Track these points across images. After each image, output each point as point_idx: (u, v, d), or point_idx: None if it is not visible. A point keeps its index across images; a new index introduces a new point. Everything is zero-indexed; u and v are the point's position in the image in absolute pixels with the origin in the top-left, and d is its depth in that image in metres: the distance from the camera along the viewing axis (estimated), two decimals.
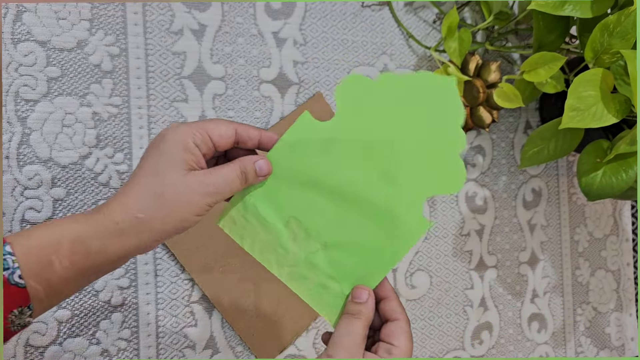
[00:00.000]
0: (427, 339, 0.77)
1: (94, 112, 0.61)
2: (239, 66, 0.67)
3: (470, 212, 0.79)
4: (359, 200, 0.43)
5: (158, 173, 0.38)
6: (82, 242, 0.36)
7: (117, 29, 0.62)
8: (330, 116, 0.44)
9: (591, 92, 0.58)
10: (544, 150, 0.70)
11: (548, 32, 0.65)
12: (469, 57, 0.75)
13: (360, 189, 0.43)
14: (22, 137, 0.59)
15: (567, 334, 0.86)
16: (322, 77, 0.71)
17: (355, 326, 0.41)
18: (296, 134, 0.43)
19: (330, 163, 0.43)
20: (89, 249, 0.36)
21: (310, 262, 0.44)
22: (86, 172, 0.61)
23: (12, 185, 0.59)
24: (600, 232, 0.89)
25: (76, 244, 0.36)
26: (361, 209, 0.43)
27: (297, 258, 0.44)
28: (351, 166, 0.43)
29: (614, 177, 0.63)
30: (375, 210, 0.43)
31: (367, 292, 0.43)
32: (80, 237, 0.36)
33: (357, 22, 0.73)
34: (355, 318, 0.42)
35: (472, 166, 0.79)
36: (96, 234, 0.36)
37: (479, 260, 0.80)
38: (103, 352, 0.62)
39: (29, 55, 0.59)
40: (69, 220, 0.37)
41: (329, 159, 0.43)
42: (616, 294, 0.90)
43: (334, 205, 0.44)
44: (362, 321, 0.42)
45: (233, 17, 0.67)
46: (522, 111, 0.83)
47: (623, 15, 0.57)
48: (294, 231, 0.44)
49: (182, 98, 0.65)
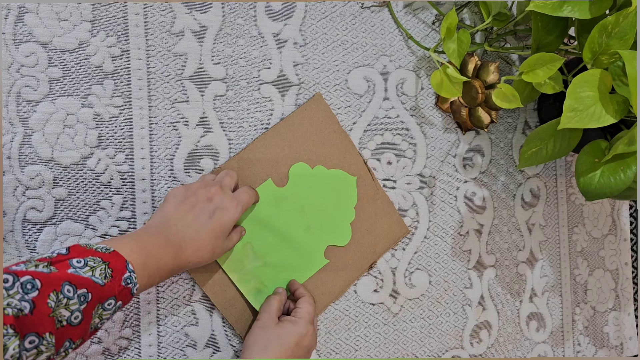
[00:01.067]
0: (426, 337, 0.77)
1: (95, 112, 0.62)
2: (239, 67, 0.68)
3: (469, 212, 0.80)
4: (290, 238, 0.68)
5: None
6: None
7: (118, 30, 0.63)
8: (329, 116, 0.71)
9: (589, 92, 0.58)
10: (543, 150, 0.70)
11: (547, 33, 0.65)
12: (468, 58, 0.75)
13: (292, 232, 0.68)
14: (24, 138, 0.59)
15: (566, 333, 0.87)
16: (322, 78, 0.71)
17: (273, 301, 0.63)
18: (262, 191, 0.67)
19: (278, 213, 0.68)
20: None
21: (254, 273, 0.67)
22: (88, 173, 0.61)
23: (14, 185, 0.59)
24: (599, 232, 0.89)
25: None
26: (291, 244, 0.68)
27: (246, 269, 0.66)
28: (290, 217, 0.68)
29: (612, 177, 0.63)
30: (298, 247, 0.69)
31: (281, 288, 0.66)
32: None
33: (357, 24, 0.73)
34: (272, 297, 0.64)
35: (471, 166, 0.80)
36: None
37: (478, 259, 0.80)
38: (104, 351, 0.62)
39: (31, 56, 0.59)
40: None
41: (278, 210, 0.68)
42: (614, 293, 0.91)
43: (276, 239, 0.68)
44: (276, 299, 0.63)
45: (234, 19, 0.67)
46: (521, 112, 0.83)
47: (621, 16, 0.57)
48: (247, 251, 0.66)
49: (183, 99, 0.65)
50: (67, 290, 0.41)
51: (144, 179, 0.63)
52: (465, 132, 0.79)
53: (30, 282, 0.38)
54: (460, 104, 0.77)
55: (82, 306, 0.42)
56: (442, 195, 0.78)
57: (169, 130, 0.64)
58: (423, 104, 0.77)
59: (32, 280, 0.39)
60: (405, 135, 0.75)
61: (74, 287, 0.41)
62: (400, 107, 0.75)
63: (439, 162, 0.78)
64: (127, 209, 0.63)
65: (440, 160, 0.78)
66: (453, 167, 0.78)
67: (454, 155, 0.78)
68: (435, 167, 0.77)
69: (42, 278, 0.39)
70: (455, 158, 0.79)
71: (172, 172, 0.64)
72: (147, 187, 0.64)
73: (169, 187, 0.64)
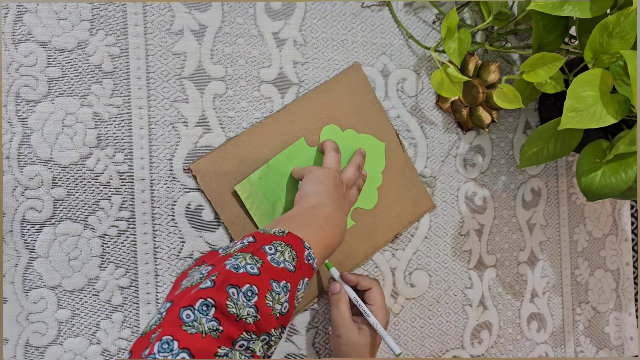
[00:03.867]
0: (427, 337, 0.77)
1: (94, 112, 0.62)
2: (239, 67, 0.67)
3: (470, 212, 0.79)
4: None
5: None
6: None
7: (117, 29, 0.62)
8: (366, 86, 0.73)
9: (590, 92, 0.58)
10: (543, 150, 0.70)
11: (547, 33, 0.65)
12: (469, 58, 0.75)
13: None
14: (23, 138, 0.59)
15: (567, 334, 0.86)
16: (322, 77, 0.71)
17: (340, 310, 0.64)
18: (294, 150, 0.68)
19: None
20: None
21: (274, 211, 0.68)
22: (87, 173, 0.61)
23: (13, 185, 0.59)
24: (600, 232, 0.89)
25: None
26: None
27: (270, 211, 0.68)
28: None
29: (613, 177, 0.63)
30: None
31: (338, 285, 0.66)
32: None
33: (357, 23, 0.73)
34: (337, 306, 0.65)
35: (472, 166, 0.79)
36: None
37: (478, 259, 0.80)
38: (103, 352, 0.62)
39: (30, 56, 0.59)
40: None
41: None
42: (615, 294, 0.90)
43: None
44: (342, 304, 0.65)
45: (233, 18, 0.67)
46: (522, 111, 0.83)
47: (622, 15, 0.57)
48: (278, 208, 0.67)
49: (183, 98, 0.65)
50: (275, 287, 0.45)
51: (143, 179, 0.63)
52: (465, 132, 0.78)
53: (250, 290, 0.43)
54: (460, 103, 0.76)
55: (287, 296, 0.46)
56: (443, 195, 0.78)
57: (168, 129, 0.64)
58: (423, 103, 0.76)
59: (251, 287, 0.43)
60: (405, 135, 0.75)
61: (277, 282, 0.46)
62: (400, 107, 0.75)
63: (439, 162, 0.77)
64: (127, 209, 0.63)
65: (441, 160, 0.77)
66: (454, 166, 0.78)
67: (455, 155, 0.78)
68: (435, 166, 0.77)
69: (257, 282, 0.44)
70: (456, 158, 0.78)
71: (172, 172, 0.64)
72: (146, 187, 0.63)
73: (168, 187, 0.64)
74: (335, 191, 0.60)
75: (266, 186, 0.66)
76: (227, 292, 0.42)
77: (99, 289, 0.62)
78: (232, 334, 0.41)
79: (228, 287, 0.42)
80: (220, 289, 0.42)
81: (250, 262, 0.45)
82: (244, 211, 0.66)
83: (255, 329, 0.42)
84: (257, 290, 0.43)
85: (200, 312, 0.40)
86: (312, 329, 0.71)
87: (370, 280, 0.67)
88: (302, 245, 0.50)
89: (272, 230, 0.50)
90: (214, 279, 0.42)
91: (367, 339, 0.64)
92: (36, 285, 0.60)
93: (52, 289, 0.60)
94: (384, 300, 0.66)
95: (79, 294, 0.61)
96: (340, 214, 0.58)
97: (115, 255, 0.62)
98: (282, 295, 0.46)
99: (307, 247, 0.50)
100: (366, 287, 0.66)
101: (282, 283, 0.46)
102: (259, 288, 0.44)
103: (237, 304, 0.42)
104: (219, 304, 0.41)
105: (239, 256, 0.45)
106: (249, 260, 0.45)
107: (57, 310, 0.60)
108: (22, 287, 0.59)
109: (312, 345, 0.71)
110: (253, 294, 0.43)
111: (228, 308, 0.41)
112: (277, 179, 0.67)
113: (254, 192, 0.66)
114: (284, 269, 0.47)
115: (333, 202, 0.58)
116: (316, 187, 0.60)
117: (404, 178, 0.75)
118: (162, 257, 0.64)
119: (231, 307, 0.41)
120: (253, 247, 0.47)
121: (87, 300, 0.61)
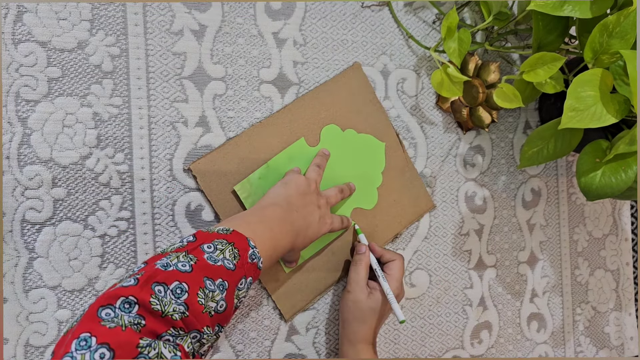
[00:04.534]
0: (427, 337, 0.77)
1: (94, 112, 0.62)
2: (239, 66, 0.67)
3: (470, 212, 0.79)
4: None
5: None
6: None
7: (117, 29, 0.62)
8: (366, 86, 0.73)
9: (590, 92, 0.58)
10: (544, 150, 0.70)
11: (547, 33, 0.65)
12: (469, 58, 0.75)
13: None
14: (23, 138, 0.59)
15: (567, 334, 0.86)
16: (322, 77, 0.71)
17: (358, 269, 0.66)
18: (293, 150, 0.68)
19: None
20: None
21: None
22: (87, 173, 0.61)
23: (13, 185, 0.59)
24: (600, 232, 0.89)
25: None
26: None
27: None
28: None
29: (613, 177, 0.63)
30: None
31: (364, 247, 0.68)
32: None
33: (357, 23, 0.73)
34: (357, 265, 0.67)
35: (472, 166, 0.79)
36: None
37: (478, 259, 0.80)
38: None
39: (30, 56, 0.59)
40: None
41: None
42: (615, 294, 0.90)
43: None
44: (361, 265, 0.66)
45: (233, 18, 0.67)
46: (522, 111, 0.83)
47: (622, 15, 0.57)
48: None
49: (183, 98, 0.65)
50: (209, 284, 0.45)
51: (143, 179, 0.63)
52: (465, 132, 0.78)
53: (178, 287, 0.43)
54: (460, 103, 0.76)
55: (223, 294, 0.46)
56: (443, 195, 0.78)
57: (168, 129, 0.64)
58: (423, 103, 0.76)
59: (180, 284, 0.43)
60: (405, 135, 0.75)
61: (212, 280, 0.45)
62: (400, 107, 0.75)
63: (439, 162, 0.77)
64: (126, 209, 0.63)
65: (441, 160, 0.77)
66: (454, 166, 0.78)
67: (455, 155, 0.78)
68: (436, 166, 0.77)
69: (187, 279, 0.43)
70: (456, 158, 0.78)
71: (172, 172, 0.64)
72: (146, 187, 0.63)
73: (168, 187, 0.64)
74: (299, 197, 0.60)
75: (266, 186, 0.66)
76: (152, 289, 0.41)
77: (99, 289, 0.62)
78: (157, 329, 0.40)
79: (154, 284, 0.42)
80: (144, 287, 0.41)
81: (182, 260, 0.45)
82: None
83: (184, 325, 0.42)
84: (187, 287, 0.43)
85: (121, 310, 0.39)
86: (312, 329, 0.71)
87: (395, 254, 0.69)
88: (246, 244, 0.50)
89: (216, 229, 0.50)
90: (138, 277, 0.42)
91: (374, 304, 0.65)
92: (36, 285, 0.60)
93: (52, 289, 0.60)
94: (402, 275, 0.67)
95: (79, 294, 0.61)
96: (295, 217, 0.58)
97: (115, 255, 0.62)
98: (218, 293, 0.45)
99: (252, 245, 0.50)
100: (389, 259, 0.68)
101: (219, 281, 0.46)
102: (189, 285, 0.43)
103: (163, 301, 0.41)
104: (142, 301, 0.40)
105: (172, 255, 0.45)
106: (181, 259, 0.45)
107: (57, 310, 0.60)
108: (22, 287, 0.59)
109: (312, 345, 0.71)
110: (183, 291, 0.43)
111: (152, 305, 0.40)
112: (277, 179, 0.67)
113: (254, 192, 0.66)
114: (222, 267, 0.46)
115: (288, 204, 0.59)
116: (278, 190, 0.61)
117: (404, 178, 0.75)
118: None
119: (155, 305, 0.40)
120: (191, 246, 0.47)
121: (87, 300, 0.61)
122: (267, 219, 0.56)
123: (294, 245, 0.59)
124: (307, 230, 0.60)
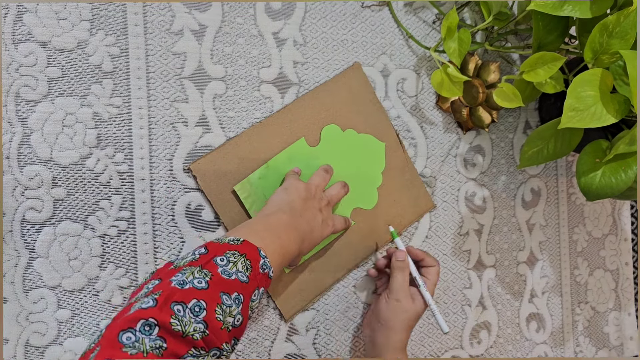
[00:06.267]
0: (426, 337, 0.77)
1: (94, 112, 0.61)
2: (239, 67, 0.67)
3: (469, 212, 0.80)
4: None
5: None
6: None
7: (117, 29, 0.62)
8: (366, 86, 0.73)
9: (590, 92, 0.58)
10: (543, 150, 0.70)
11: (547, 33, 0.65)
12: (469, 58, 0.75)
13: None
14: (23, 138, 0.59)
15: (566, 334, 0.86)
16: (322, 77, 0.71)
17: (405, 276, 0.67)
18: (294, 150, 0.68)
19: (309, 171, 0.68)
20: None
21: None
22: (87, 173, 0.61)
23: (13, 185, 0.59)
24: (599, 232, 0.89)
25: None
26: None
27: None
28: None
29: (613, 177, 0.63)
30: None
31: (404, 254, 0.68)
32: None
33: (357, 23, 0.73)
34: (404, 272, 0.67)
35: (472, 166, 0.79)
36: None
37: (478, 259, 0.80)
38: None
39: (30, 56, 0.59)
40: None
41: (308, 169, 0.69)
42: (615, 294, 0.90)
43: None
44: (404, 273, 0.67)
45: (233, 18, 0.67)
46: (522, 111, 0.83)
47: (622, 15, 0.57)
48: None
49: (183, 98, 0.65)
50: (226, 299, 0.44)
51: (143, 179, 0.63)
52: (465, 132, 0.78)
53: (197, 305, 0.42)
54: (460, 103, 0.76)
55: (239, 308, 0.45)
56: (443, 195, 0.78)
57: (168, 129, 0.64)
58: (423, 103, 0.76)
59: (198, 302, 0.42)
60: (405, 135, 0.75)
61: (228, 295, 0.45)
62: (400, 107, 0.75)
63: (439, 162, 0.77)
64: (126, 209, 0.63)
65: (441, 160, 0.77)
66: (454, 166, 0.78)
67: (455, 154, 0.78)
68: (436, 166, 0.77)
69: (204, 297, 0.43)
70: (456, 158, 0.78)
71: (172, 172, 0.64)
72: (146, 187, 0.63)
73: (168, 187, 0.64)
74: (301, 202, 0.60)
75: (266, 186, 0.66)
76: (172, 309, 0.41)
77: (99, 289, 0.62)
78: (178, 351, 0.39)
79: (172, 304, 0.41)
80: (164, 307, 0.40)
81: (198, 277, 0.44)
82: (244, 211, 0.66)
83: (204, 344, 0.41)
84: (205, 305, 0.42)
85: (142, 333, 0.39)
86: (312, 329, 0.71)
87: (433, 259, 0.69)
88: (257, 254, 0.49)
89: (226, 239, 0.49)
90: (156, 297, 0.41)
91: (418, 308, 0.66)
92: (36, 285, 0.60)
93: (52, 289, 0.60)
94: (437, 281, 0.69)
95: (79, 294, 0.61)
96: (300, 222, 0.58)
97: (115, 255, 0.62)
98: (234, 307, 0.45)
99: (262, 255, 0.50)
100: (429, 264, 0.69)
101: (234, 295, 0.45)
102: (207, 302, 0.43)
103: (183, 321, 0.40)
104: (162, 322, 0.39)
105: (187, 270, 0.45)
106: (196, 275, 0.44)
107: (57, 310, 0.60)
108: (22, 287, 0.59)
109: (312, 345, 0.71)
110: (201, 309, 0.42)
111: (172, 326, 0.40)
112: (277, 179, 0.67)
113: (254, 192, 0.66)
114: (236, 281, 0.46)
115: (292, 210, 0.58)
116: (280, 196, 0.61)
117: (404, 178, 0.75)
118: (162, 257, 0.64)
119: (175, 325, 0.40)
120: (203, 260, 0.46)
121: (87, 300, 0.61)
122: (274, 226, 0.56)
123: (300, 251, 0.59)
124: (311, 234, 0.60)
